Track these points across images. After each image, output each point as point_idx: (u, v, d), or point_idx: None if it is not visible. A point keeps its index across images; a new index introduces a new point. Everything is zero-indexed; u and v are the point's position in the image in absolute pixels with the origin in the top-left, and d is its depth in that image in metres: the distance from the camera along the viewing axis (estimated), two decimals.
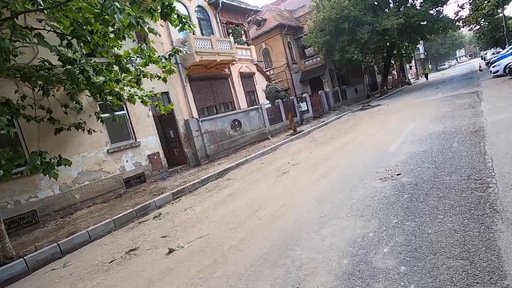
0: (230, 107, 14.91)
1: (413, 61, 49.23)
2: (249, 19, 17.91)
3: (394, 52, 27.72)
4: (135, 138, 10.27)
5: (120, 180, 9.69)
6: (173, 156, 12.26)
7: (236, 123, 14.12)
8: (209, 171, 9.73)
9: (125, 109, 10.08)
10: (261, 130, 15.29)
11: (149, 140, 10.62)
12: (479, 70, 23.87)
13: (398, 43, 22.43)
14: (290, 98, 18.92)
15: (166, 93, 11.56)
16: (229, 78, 14.76)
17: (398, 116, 10.83)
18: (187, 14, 13.14)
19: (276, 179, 6.37)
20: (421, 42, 54.15)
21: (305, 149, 9.34)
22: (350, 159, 6.25)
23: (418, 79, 46.98)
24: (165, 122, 12.17)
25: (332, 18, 20.97)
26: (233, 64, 14.92)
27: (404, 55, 34.55)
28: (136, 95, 7.68)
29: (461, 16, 30.55)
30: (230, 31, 15.42)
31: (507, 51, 23.22)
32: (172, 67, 6.74)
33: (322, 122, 16.37)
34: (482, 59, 49.25)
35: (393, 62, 33.06)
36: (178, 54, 6.54)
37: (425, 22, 22.02)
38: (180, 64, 12.11)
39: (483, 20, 42.82)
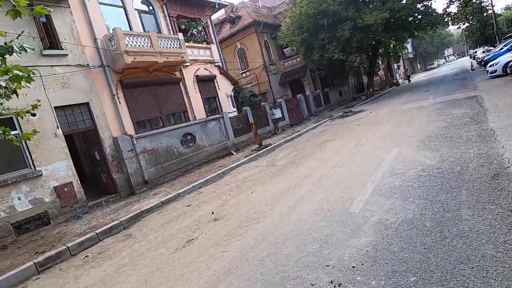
0: (183, 118, 12.42)
1: (401, 61, 47.64)
2: (213, 13, 15.47)
3: (380, 51, 25.67)
4: (34, 166, 7.70)
5: (7, 226, 7.11)
6: (101, 183, 9.71)
7: (189, 137, 11.65)
8: (132, 209, 7.26)
9: (17, 126, 7.52)
10: (223, 144, 12.84)
11: (56, 168, 8.05)
12: (471, 69, 21.94)
13: (383, 41, 20.24)
14: (262, 104, 16.53)
15: (86, 104, 9.01)
16: (181, 83, 12.27)
17: (378, 132, 8.53)
18: (121, 4, 10.64)
19: (166, 260, 3.92)
20: (409, 40, 52.61)
21: (251, 182, 6.94)
22: (285, 229, 3.76)
23: (406, 79, 45.28)
24: (89, 141, 9.62)
25: (310, 14, 18.69)
26: (186, 66, 12.45)
27: (392, 54, 32.69)
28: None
29: (449, 12, 28.85)
30: (183, 26, 12.94)
31: (501, 48, 21.45)
32: (20, 71, 4.22)
33: (297, 132, 14.04)
34: (471, 57, 47.98)
35: (379, 61, 31.10)
36: (19, 53, 4.04)
37: (412, 18, 19.96)
38: (107, 67, 9.57)
39: (471, 17, 41.50)
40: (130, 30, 10.58)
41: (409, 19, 20.00)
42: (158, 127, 11.13)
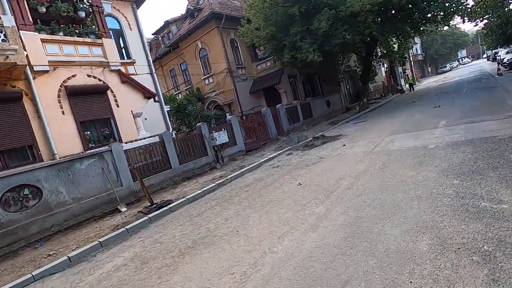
0: (29, 156, 7.66)
1: (409, 63, 42.12)
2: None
3: (379, 51, 20.54)
4: None
5: None
6: None
7: (27, 192, 6.88)
8: None
9: None
10: (107, 194, 8.03)
11: None
12: (498, 74, 16.58)
13: (381, 38, 15.03)
14: (197, 125, 11.67)
15: None
16: (24, 100, 7.52)
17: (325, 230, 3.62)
18: None
19: None
20: (417, 39, 46.78)
21: None
22: None
23: (414, 84, 39.67)
24: None
25: (277, 0, 13.83)
26: (39, 72, 7.71)
27: (395, 55, 27.42)
28: None
29: (466, 3, 23.42)
30: (43, 8, 8.19)
31: None
32: None
33: (239, 170, 9.19)
34: (489, 59, 41.95)
35: (381, 64, 25.87)
36: None
37: (415, 5, 14.74)
38: None
39: (491, 12, 35.77)
40: None
41: (411, 7, 14.77)
42: None
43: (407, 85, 35.07)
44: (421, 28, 16.52)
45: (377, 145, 7.45)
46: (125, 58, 11.79)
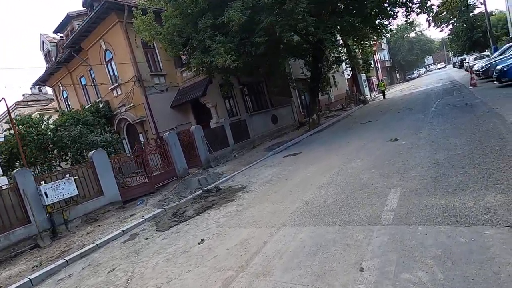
0: None
1: (376, 70, 39.67)
2: None
3: (333, 54, 16.95)
4: None
5: None
6: None
7: None
8: None
9: None
10: None
11: None
12: (471, 84, 13.34)
13: (318, 33, 11.02)
14: (14, 172, 7.04)
15: None
16: None
17: None
18: None
19: None
20: (384, 45, 44.45)
21: None
22: None
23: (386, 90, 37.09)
24: None
25: None
26: None
27: (358, 59, 24.15)
28: None
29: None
30: None
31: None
32: None
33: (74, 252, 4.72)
34: (454, 66, 40.38)
35: (335, 70, 22.38)
36: None
37: None
38: None
39: (456, 17, 33.97)
40: None
41: None
42: None
43: (370, 95, 32.22)
44: (376, 22, 12.82)
45: (252, 257, 3.33)
46: None
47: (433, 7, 15.51)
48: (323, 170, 6.04)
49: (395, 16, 13.25)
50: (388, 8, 11.90)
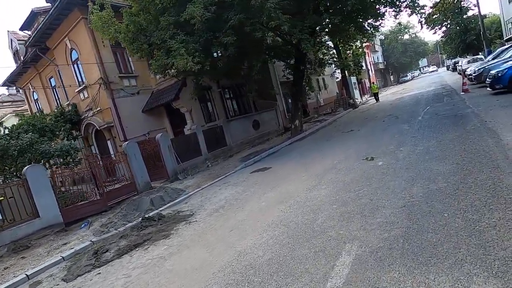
0: None
1: (368, 73, 38.81)
2: None
3: (318, 57, 15.97)
4: None
5: None
6: None
7: None
8: None
9: None
10: None
11: None
12: (463, 90, 12.44)
13: (295, 33, 9.91)
14: None
15: None
16: None
17: None
18: None
19: None
20: (377, 47, 43.58)
21: None
22: None
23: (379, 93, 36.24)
24: None
25: None
26: None
27: (349, 61, 23.31)
28: None
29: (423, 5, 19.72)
30: None
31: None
32: None
33: None
34: (451, 69, 39.63)
35: (336, 73, 21.51)
36: None
37: None
38: None
39: (450, 19, 33.28)
40: None
41: None
42: None
43: (361, 98, 31.40)
44: (360, 22, 11.82)
45: None
46: None
47: (425, 8, 14.66)
48: (281, 199, 4.99)
49: (382, 15, 12.31)
50: (373, 7, 10.93)
